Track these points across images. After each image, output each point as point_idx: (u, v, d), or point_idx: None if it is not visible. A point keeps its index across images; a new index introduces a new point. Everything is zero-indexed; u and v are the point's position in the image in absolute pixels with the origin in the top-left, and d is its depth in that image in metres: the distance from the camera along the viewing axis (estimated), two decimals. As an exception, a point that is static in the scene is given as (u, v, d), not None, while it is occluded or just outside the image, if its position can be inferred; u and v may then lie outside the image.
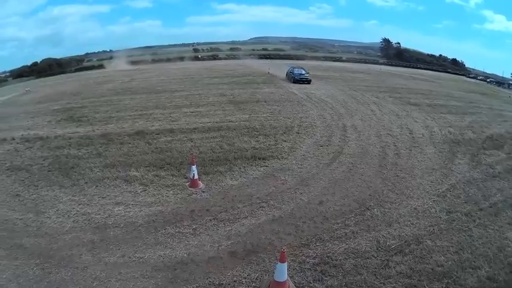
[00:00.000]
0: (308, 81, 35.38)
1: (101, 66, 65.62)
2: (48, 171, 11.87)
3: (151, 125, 17.34)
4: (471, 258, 7.75)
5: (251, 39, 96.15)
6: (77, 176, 11.44)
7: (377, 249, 8.02)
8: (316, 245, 8.09)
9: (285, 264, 6.35)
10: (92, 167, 12.16)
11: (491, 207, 10.26)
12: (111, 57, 71.21)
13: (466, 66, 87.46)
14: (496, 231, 8.91)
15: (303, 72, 37.83)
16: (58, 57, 69.75)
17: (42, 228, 8.51)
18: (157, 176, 11.51)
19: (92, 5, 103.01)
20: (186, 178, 11.20)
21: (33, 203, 9.79)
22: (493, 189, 11.54)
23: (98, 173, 11.72)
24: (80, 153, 13.45)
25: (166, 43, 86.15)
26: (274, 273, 6.54)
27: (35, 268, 7.02)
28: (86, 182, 11.03)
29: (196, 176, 10.69)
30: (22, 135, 15.66)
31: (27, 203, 9.83)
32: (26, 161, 12.67)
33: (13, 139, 15.29)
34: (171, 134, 15.91)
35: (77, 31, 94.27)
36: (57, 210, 9.38)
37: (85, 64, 71.86)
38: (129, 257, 7.47)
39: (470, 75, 78.81)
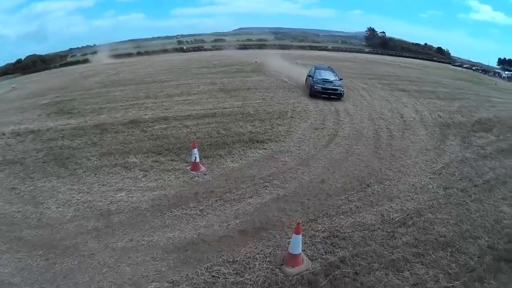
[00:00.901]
0: (338, 96, 21.30)
1: (85, 61, 64.59)
2: (43, 162, 11.62)
3: (144, 113, 17.15)
4: (471, 229, 8.14)
5: (235, 30, 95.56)
6: (74, 166, 11.22)
7: (382, 222, 8.31)
8: (324, 220, 8.27)
9: (300, 236, 6.40)
10: (88, 156, 11.96)
11: (484, 184, 10.77)
12: (95, 52, 70.19)
13: (451, 54, 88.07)
14: (492, 206, 9.37)
15: (331, 77, 22.90)
16: (42, 53, 68.64)
17: (42, 219, 8.32)
18: (156, 161, 11.41)
19: (76, 0, 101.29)
20: (186, 162, 11.15)
21: (31, 195, 9.55)
22: (485, 167, 12.04)
23: (95, 161, 11.54)
24: (74, 143, 13.22)
25: (150, 36, 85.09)
26: (288, 245, 6.62)
27: (38, 260, 6.86)
28: (84, 171, 10.84)
29: (197, 159, 10.62)
30: (12, 129, 15.31)
31: (24, 195, 9.59)
32: (19, 155, 12.39)
33: (3, 134, 14.92)
34: (165, 121, 15.77)
35: (61, 27, 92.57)
36: (56, 200, 9.18)
37: (69, 59, 70.72)
38: (138, 241, 7.37)
39: (456, 64, 79.50)
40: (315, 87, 21.37)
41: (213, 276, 6.35)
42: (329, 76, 22.83)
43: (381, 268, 6.68)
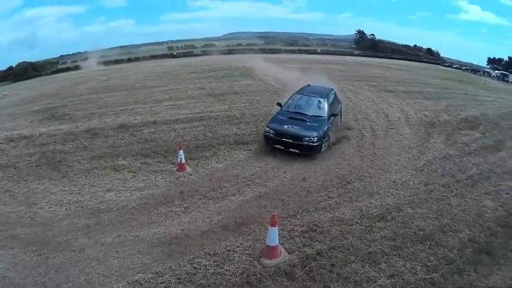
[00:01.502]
0: (304, 150, 12.20)
1: (76, 68, 64.28)
2: (36, 166, 11.90)
3: (133, 118, 17.42)
4: (451, 223, 8.38)
5: (225, 35, 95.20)
6: (66, 169, 11.53)
7: (360, 217, 8.59)
8: (303, 215, 8.61)
9: (276, 228, 6.76)
10: (79, 159, 12.26)
11: (467, 179, 10.96)
12: (86, 59, 69.93)
13: (441, 55, 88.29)
14: (474, 200, 9.58)
15: (313, 111, 13.47)
16: (33, 60, 68.18)
17: (36, 218, 8.69)
18: (144, 163, 11.74)
19: (67, 6, 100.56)
20: (173, 164, 11.48)
21: (24, 196, 9.88)
22: (469, 164, 12.23)
23: (86, 164, 11.85)
24: (65, 148, 13.49)
25: (140, 42, 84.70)
26: (266, 238, 6.97)
27: (32, 255, 7.24)
28: (75, 174, 11.15)
29: (183, 160, 11.00)
30: (5, 135, 15.48)
31: (18, 197, 9.91)
32: (12, 159, 12.64)
33: (-4, 140, 15.14)
34: (154, 125, 16.05)
35: (52, 33, 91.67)
36: (48, 200, 9.53)
37: (60, 66, 70.28)
38: (125, 237, 7.79)
39: (446, 64, 79.56)
40: (267, 129, 12.63)
41: (195, 267, 6.76)
42: (309, 109, 13.58)
43: (357, 260, 6.98)
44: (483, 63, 79.60)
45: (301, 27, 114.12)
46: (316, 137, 12.01)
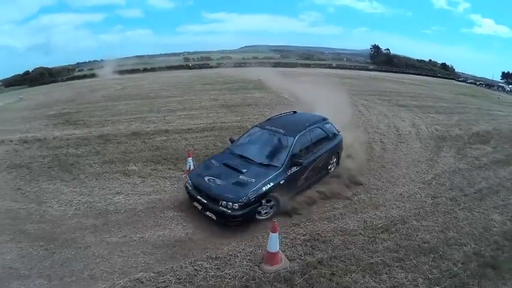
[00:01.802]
0: (222, 218, 8.17)
1: (92, 75, 65.08)
2: (48, 167, 12.23)
3: (146, 126, 17.68)
4: (457, 236, 8.25)
5: (241, 48, 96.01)
6: (77, 171, 11.83)
7: (364, 228, 8.55)
8: (306, 225, 8.62)
9: (277, 235, 6.83)
10: (91, 163, 12.56)
11: (476, 193, 10.75)
12: (102, 67, 70.87)
13: (455, 70, 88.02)
14: (481, 214, 9.41)
15: (263, 158, 9.38)
16: (50, 66, 69.48)
17: (45, 216, 9.01)
18: (154, 169, 11.95)
19: (84, 14, 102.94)
20: (182, 171, 11.61)
21: (35, 195, 10.21)
22: (478, 177, 12.02)
23: (97, 168, 12.13)
24: (78, 152, 13.81)
25: (157, 52, 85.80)
26: (267, 244, 7.02)
27: (39, 249, 7.54)
28: (86, 176, 11.44)
29: (192, 168, 11.10)
30: (20, 137, 15.92)
31: (29, 195, 10.24)
32: (25, 160, 13.00)
33: (11, 141, 15.49)
34: (166, 134, 16.26)
35: (68, 40, 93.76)
36: (59, 200, 9.84)
37: (76, 74, 71.36)
38: (130, 237, 7.99)
39: (460, 79, 79.13)
40: (187, 179, 9.48)
41: (196, 269, 6.89)
42: (260, 151, 9.79)
43: (358, 270, 6.97)
44: (497, 77, 79.42)
45: (317, 41, 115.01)
46: (239, 202, 8.00)
